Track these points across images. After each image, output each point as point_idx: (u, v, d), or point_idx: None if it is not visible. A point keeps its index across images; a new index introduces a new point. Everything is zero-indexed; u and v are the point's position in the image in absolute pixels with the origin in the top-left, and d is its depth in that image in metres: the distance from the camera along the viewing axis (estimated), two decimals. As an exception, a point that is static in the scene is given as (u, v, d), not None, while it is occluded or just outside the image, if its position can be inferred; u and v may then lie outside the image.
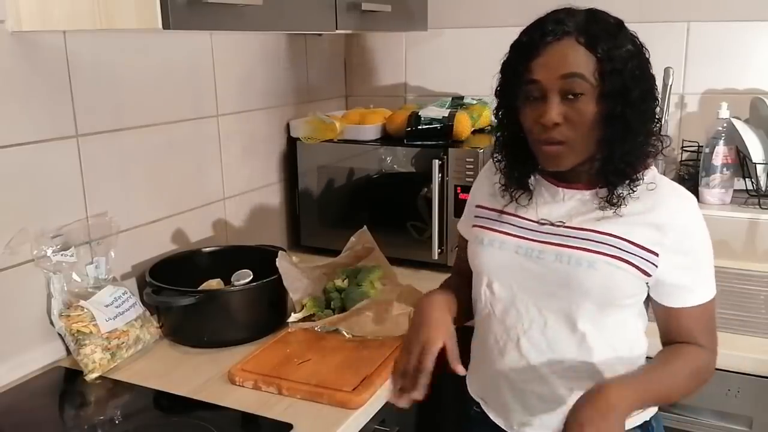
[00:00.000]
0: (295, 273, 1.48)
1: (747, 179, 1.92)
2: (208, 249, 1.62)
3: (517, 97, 1.06)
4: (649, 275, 1.06)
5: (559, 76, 1.00)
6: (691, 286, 1.08)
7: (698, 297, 1.08)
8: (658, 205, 1.06)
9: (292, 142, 1.98)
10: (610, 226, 1.06)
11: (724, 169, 1.90)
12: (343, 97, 2.36)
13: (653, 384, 1.05)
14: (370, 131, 1.90)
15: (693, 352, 1.09)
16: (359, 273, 1.51)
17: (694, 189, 1.97)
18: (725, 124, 1.88)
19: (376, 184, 1.88)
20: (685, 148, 2.02)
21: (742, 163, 1.90)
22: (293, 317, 1.46)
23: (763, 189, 1.87)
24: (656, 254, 1.05)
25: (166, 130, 1.58)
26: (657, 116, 1.07)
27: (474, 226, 1.20)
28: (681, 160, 2.04)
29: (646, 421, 1.15)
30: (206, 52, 1.69)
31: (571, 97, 1.00)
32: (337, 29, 1.56)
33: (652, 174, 1.09)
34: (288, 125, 1.99)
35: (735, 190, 1.93)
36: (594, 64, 0.99)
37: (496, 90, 1.11)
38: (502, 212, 1.16)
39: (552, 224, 1.10)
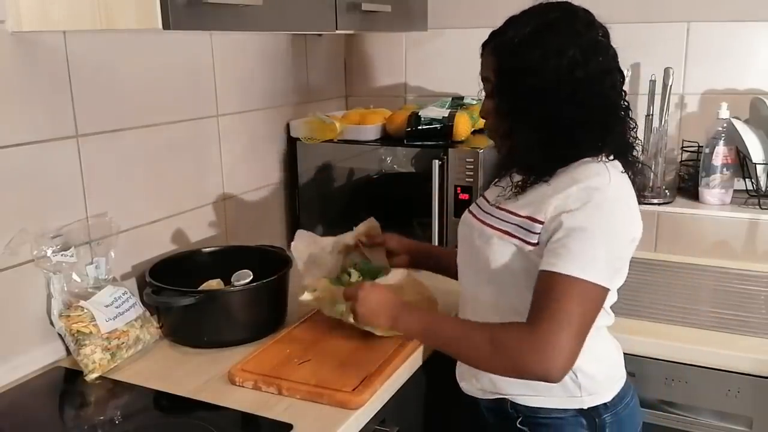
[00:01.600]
0: (312, 258, 1.44)
1: (747, 179, 1.92)
2: (208, 249, 1.62)
3: None
4: (534, 244, 1.08)
5: (481, 78, 1.16)
6: (554, 251, 1.03)
7: (553, 265, 1.02)
8: (559, 182, 1.09)
9: (292, 142, 1.98)
10: (516, 204, 1.14)
11: (724, 169, 1.90)
12: (343, 97, 2.36)
13: (439, 324, 1.15)
14: (370, 131, 1.90)
15: (507, 323, 1.06)
16: (379, 274, 1.41)
17: (694, 189, 1.98)
18: (725, 125, 1.88)
19: (376, 185, 1.88)
20: (685, 149, 2.02)
21: (742, 164, 1.91)
22: (306, 295, 1.37)
23: (763, 189, 1.87)
24: (541, 222, 1.08)
25: (166, 130, 1.58)
26: (569, 122, 1.07)
27: None
28: (681, 161, 2.04)
29: (583, 409, 1.15)
30: (206, 52, 1.69)
31: (487, 96, 1.17)
32: (337, 29, 1.56)
33: (586, 163, 1.10)
34: (288, 125, 1.99)
35: (735, 191, 1.93)
36: (494, 67, 1.11)
37: None
38: (482, 194, 1.29)
39: (493, 204, 1.20)
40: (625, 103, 1.14)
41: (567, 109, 1.06)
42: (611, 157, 1.11)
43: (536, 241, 1.09)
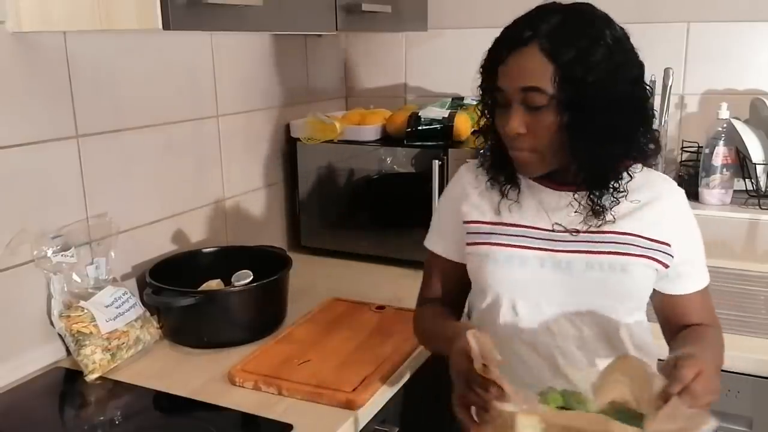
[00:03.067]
0: None
1: (747, 180, 1.92)
2: (208, 249, 1.62)
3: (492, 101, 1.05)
4: (667, 267, 1.07)
5: (520, 88, 0.98)
6: (695, 271, 1.12)
7: (703, 281, 1.13)
8: (658, 197, 1.08)
9: (292, 143, 1.98)
10: (626, 225, 1.05)
11: (724, 169, 1.90)
12: (343, 97, 2.36)
13: (715, 355, 1.04)
14: (370, 132, 1.90)
15: (712, 329, 1.10)
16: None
17: (693, 189, 1.98)
18: (725, 125, 1.88)
19: (376, 185, 1.88)
20: (684, 149, 2.02)
21: (742, 164, 1.90)
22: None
23: (763, 189, 1.87)
24: (669, 245, 1.06)
25: (166, 130, 1.58)
26: (640, 123, 1.03)
27: (473, 243, 1.11)
28: (681, 161, 2.04)
29: None
30: (206, 52, 1.69)
31: (533, 107, 0.98)
32: (337, 30, 1.56)
33: (638, 169, 1.09)
34: (288, 125, 1.99)
35: (735, 191, 1.93)
36: (552, 73, 0.96)
37: (479, 88, 1.08)
38: (503, 224, 1.09)
39: (568, 231, 1.06)
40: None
41: (632, 118, 1.02)
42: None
43: (670, 264, 1.08)
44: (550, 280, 1.04)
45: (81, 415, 1.23)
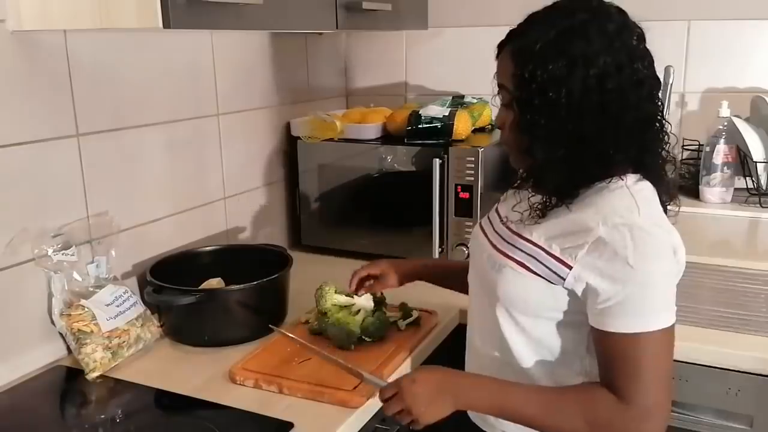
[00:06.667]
0: None
1: (747, 178, 1.92)
2: (208, 248, 1.62)
3: None
4: (557, 281, 0.99)
5: (497, 84, 1.06)
6: (608, 310, 0.95)
7: (612, 326, 0.95)
8: (582, 213, 0.98)
9: (292, 142, 1.98)
10: (534, 232, 1.02)
11: (725, 167, 1.90)
12: (344, 96, 2.36)
13: (514, 399, 1.00)
14: (371, 130, 1.90)
15: (591, 393, 0.97)
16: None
17: (694, 188, 1.98)
18: (726, 123, 1.89)
19: (377, 184, 1.88)
20: (685, 147, 2.02)
21: (742, 162, 1.91)
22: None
23: (764, 188, 1.87)
24: (569, 267, 0.97)
25: (166, 129, 1.58)
26: (600, 139, 0.96)
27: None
28: (681, 159, 2.04)
29: None
30: (206, 51, 1.69)
31: (501, 104, 1.06)
32: (337, 28, 1.56)
33: (608, 190, 1.00)
34: (288, 124, 1.99)
35: (735, 189, 1.93)
36: (513, 74, 0.99)
37: None
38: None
39: (503, 223, 1.13)
40: (660, 116, 1.02)
41: (596, 125, 0.95)
42: (636, 177, 1.02)
43: (564, 277, 0.99)
44: (475, 257, 1.20)
45: (82, 414, 1.23)
